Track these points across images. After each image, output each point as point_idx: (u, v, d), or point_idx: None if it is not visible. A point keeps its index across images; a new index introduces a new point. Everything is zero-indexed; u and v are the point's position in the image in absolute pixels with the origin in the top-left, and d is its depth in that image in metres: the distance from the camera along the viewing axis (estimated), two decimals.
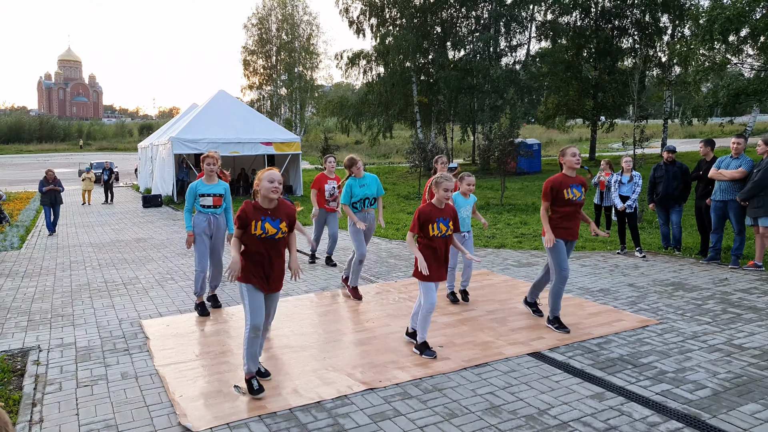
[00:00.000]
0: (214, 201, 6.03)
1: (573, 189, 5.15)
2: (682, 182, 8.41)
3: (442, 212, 4.62)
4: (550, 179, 5.21)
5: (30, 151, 78.10)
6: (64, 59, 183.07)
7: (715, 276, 7.10)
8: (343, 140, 47.17)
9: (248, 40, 44.10)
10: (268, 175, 3.96)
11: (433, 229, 4.56)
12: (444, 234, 4.60)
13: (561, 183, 5.15)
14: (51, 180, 13.23)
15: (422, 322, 4.66)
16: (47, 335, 5.59)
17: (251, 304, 3.98)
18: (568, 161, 5.22)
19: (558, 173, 5.28)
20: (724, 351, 4.63)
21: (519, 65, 31.97)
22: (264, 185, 3.94)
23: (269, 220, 3.95)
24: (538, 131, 57.56)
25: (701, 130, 46.76)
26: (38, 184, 13.43)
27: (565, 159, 5.24)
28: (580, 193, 5.19)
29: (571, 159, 5.19)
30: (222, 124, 19.67)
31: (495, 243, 9.82)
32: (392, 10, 31.27)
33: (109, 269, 8.71)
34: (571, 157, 5.20)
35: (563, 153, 5.28)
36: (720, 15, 16.82)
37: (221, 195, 6.07)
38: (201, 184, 6.00)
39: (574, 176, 5.22)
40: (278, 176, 3.99)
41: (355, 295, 6.54)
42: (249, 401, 3.95)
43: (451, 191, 4.63)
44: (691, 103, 24.90)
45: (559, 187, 5.14)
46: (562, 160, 5.27)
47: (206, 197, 5.99)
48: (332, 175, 8.20)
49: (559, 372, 4.31)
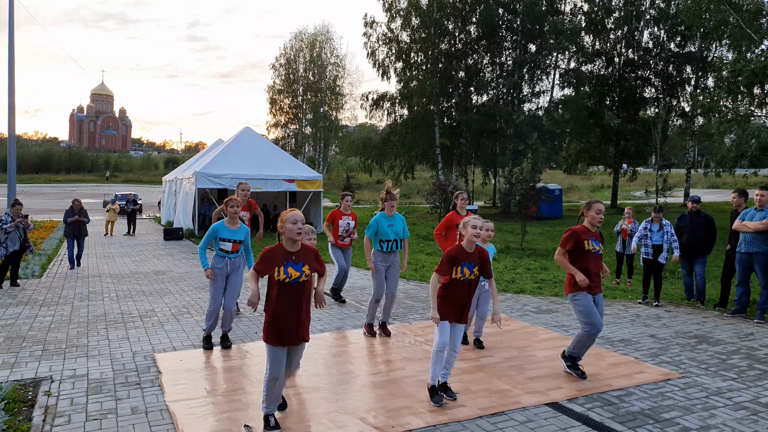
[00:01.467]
0: (233, 247, 6.07)
1: (593, 242, 5.08)
2: (707, 233, 8.26)
3: (469, 256, 4.53)
4: (573, 228, 5.14)
5: (58, 181, 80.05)
6: (96, 93, 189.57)
7: (741, 330, 6.88)
8: (365, 179, 47.60)
9: (275, 79, 45.27)
10: (291, 216, 3.94)
11: (456, 272, 4.47)
12: (467, 278, 4.49)
13: (582, 233, 5.08)
14: (77, 210, 12.65)
15: (431, 363, 4.54)
16: (60, 366, 5.60)
17: (271, 355, 3.97)
18: (591, 217, 5.12)
19: (579, 225, 5.20)
20: (751, 409, 4.44)
21: (542, 111, 32.22)
22: (288, 227, 3.92)
23: (292, 264, 3.92)
24: (559, 177, 57.43)
25: (725, 181, 46.23)
26: (63, 214, 12.90)
27: (590, 214, 5.14)
28: (599, 247, 5.11)
29: (595, 216, 5.09)
30: (246, 160, 19.99)
31: (514, 288, 9.69)
32: (418, 55, 31.92)
33: (126, 301, 8.77)
34: (596, 213, 5.09)
35: (589, 206, 5.18)
36: (744, 68, 16.84)
37: (241, 241, 6.11)
38: (223, 227, 6.04)
39: (594, 231, 5.14)
40: (301, 217, 3.98)
41: (369, 332, 6.51)
42: None
43: (480, 230, 4.53)
44: (714, 154, 24.74)
45: (580, 237, 5.06)
46: (586, 213, 5.18)
47: (226, 242, 6.02)
48: (348, 212, 8.28)
49: (577, 424, 4.17)
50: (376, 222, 6.38)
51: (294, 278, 3.90)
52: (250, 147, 20.81)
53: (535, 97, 32.33)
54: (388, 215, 6.45)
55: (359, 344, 6.30)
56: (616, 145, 32.25)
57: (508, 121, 29.74)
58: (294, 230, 3.91)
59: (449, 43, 31.46)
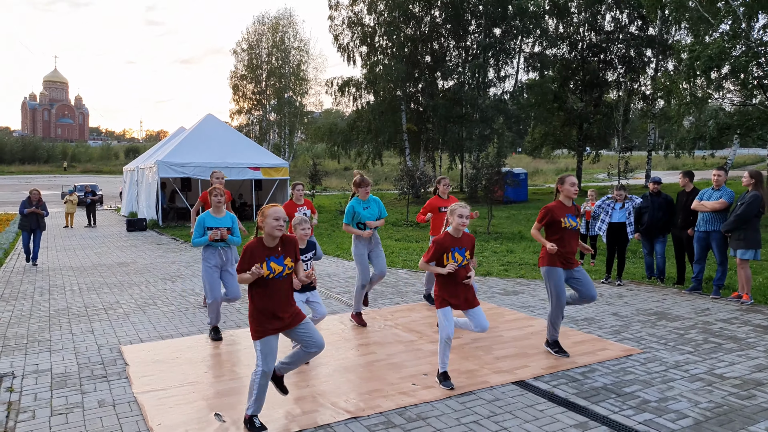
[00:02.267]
0: (221, 235, 5.97)
1: (569, 218, 5.18)
2: (667, 213, 8.52)
3: (458, 241, 4.55)
4: (548, 205, 5.23)
5: (12, 173, 77.31)
6: (49, 80, 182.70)
7: (697, 306, 7.15)
8: (332, 166, 47.34)
9: (238, 64, 44.45)
10: (274, 212, 3.82)
11: (448, 259, 4.50)
12: (460, 264, 4.53)
13: (558, 210, 5.18)
14: (35, 202, 11.65)
15: (440, 351, 4.58)
16: (22, 361, 5.46)
17: (263, 350, 3.81)
18: (566, 190, 5.24)
19: (555, 201, 5.30)
20: (706, 380, 4.64)
21: (507, 95, 32.53)
22: (270, 223, 3.79)
23: (274, 259, 3.81)
24: (525, 161, 58.27)
25: (684, 163, 47.60)
26: (19, 205, 11.85)
27: (564, 187, 5.26)
28: (575, 222, 5.21)
29: (570, 188, 5.22)
30: (210, 148, 19.67)
31: (481, 271, 9.83)
32: (383, 39, 31.76)
33: (89, 294, 8.58)
34: (570, 186, 5.22)
35: (562, 181, 5.29)
36: (702, 53, 17.28)
37: (229, 228, 6.03)
38: (209, 216, 5.94)
39: (570, 206, 5.25)
40: (283, 213, 3.84)
41: (359, 322, 6.47)
42: (230, 429, 3.87)
43: (467, 218, 4.56)
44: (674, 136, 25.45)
45: (556, 214, 5.16)
46: (561, 188, 5.28)
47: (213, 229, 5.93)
48: (300, 202, 7.87)
49: (543, 401, 4.29)
50: (351, 208, 6.34)
51: (277, 273, 3.81)
52: (213, 134, 20.48)
53: (501, 82, 32.61)
54: (362, 199, 6.43)
55: (330, 330, 6.32)
56: (579, 129, 32.85)
57: (473, 105, 29.94)
58: (276, 226, 3.78)
59: (414, 27, 31.39)
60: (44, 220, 11.99)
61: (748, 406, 4.15)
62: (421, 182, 22.57)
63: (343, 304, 7.65)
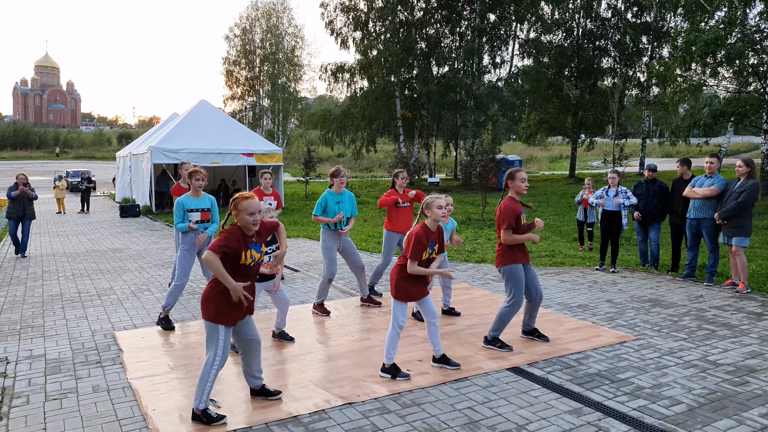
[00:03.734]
0: (202, 216, 6.01)
1: (523, 215, 5.06)
2: (662, 200, 8.53)
3: (432, 235, 4.52)
4: (507, 206, 4.96)
5: (4, 158, 76.56)
6: (41, 65, 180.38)
7: (691, 293, 7.19)
8: (326, 153, 47.16)
9: (230, 50, 44.06)
10: (247, 206, 3.65)
11: (426, 253, 4.48)
12: (430, 257, 4.54)
13: (517, 207, 5.00)
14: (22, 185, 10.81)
15: (388, 344, 4.50)
16: (16, 347, 5.43)
17: (226, 339, 3.73)
18: (517, 186, 5.03)
19: (507, 197, 5.07)
20: (699, 367, 4.67)
21: (501, 82, 32.40)
22: (244, 218, 3.67)
23: (253, 246, 3.77)
24: (519, 148, 58.24)
25: (678, 150, 47.72)
26: (6, 191, 11.05)
27: (515, 183, 5.03)
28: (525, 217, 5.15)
29: (520, 185, 5.03)
30: (203, 135, 19.52)
31: (475, 258, 9.85)
32: (376, 24, 31.51)
33: (83, 279, 8.54)
34: (521, 182, 5.03)
35: (512, 176, 5.03)
36: (699, 39, 17.23)
37: (208, 209, 6.02)
38: (188, 198, 5.93)
39: (519, 200, 5.09)
40: (258, 206, 3.70)
41: (321, 311, 6.40)
42: (225, 415, 3.87)
43: (445, 208, 4.53)
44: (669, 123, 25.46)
45: (518, 212, 4.99)
46: (511, 183, 5.04)
47: (194, 212, 5.94)
48: (268, 191, 7.86)
49: (537, 387, 4.30)
50: (324, 199, 6.31)
51: (257, 260, 3.81)
52: (206, 120, 20.31)
53: (495, 68, 32.46)
54: (336, 192, 6.35)
55: (323, 317, 6.32)
56: (574, 116, 32.81)
57: (468, 92, 29.82)
58: (252, 222, 3.68)
59: (408, 12, 31.14)
60: (33, 208, 11.06)
61: (742, 392, 4.18)
62: (415, 169, 22.56)
63: (338, 290, 7.64)
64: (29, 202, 10.89)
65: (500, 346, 5.12)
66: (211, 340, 3.71)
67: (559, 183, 30.71)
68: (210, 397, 4.10)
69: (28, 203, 10.87)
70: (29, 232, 11.01)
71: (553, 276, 8.32)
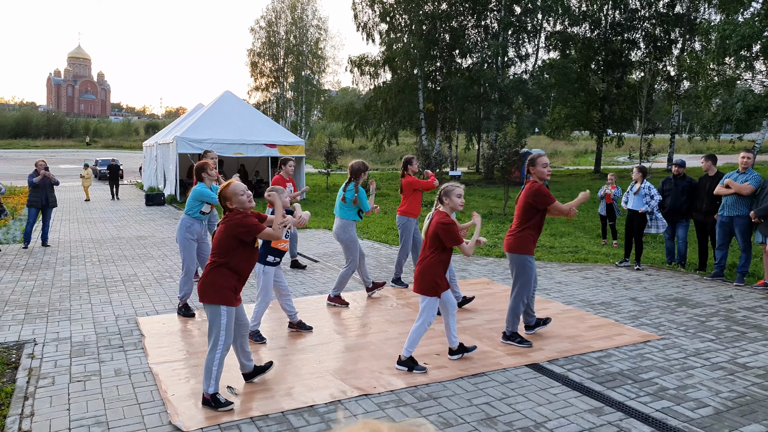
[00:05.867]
0: (211, 207, 6.18)
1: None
2: (690, 197, 8.31)
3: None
4: (536, 187, 4.91)
5: (37, 147, 78.30)
6: (73, 56, 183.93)
7: (720, 293, 7.01)
8: (348, 145, 47.18)
9: (256, 42, 44.26)
10: (234, 189, 3.82)
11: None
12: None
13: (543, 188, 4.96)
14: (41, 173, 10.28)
15: (414, 337, 4.48)
16: (43, 329, 5.54)
17: (228, 326, 3.83)
18: (539, 172, 4.96)
19: (533, 182, 4.99)
20: (728, 369, 4.55)
21: (527, 75, 31.97)
22: (240, 200, 3.82)
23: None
24: (543, 142, 57.49)
25: (709, 146, 46.60)
26: (27, 178, 10.47)
27: (536, 169, 4.97)
28: None
29: (542, 170, 4.97)
30: (227, 125, 19.67)
31: (497, 252, 9.75)
32: (402, 17, 31.32)
33: (108, 265, 8.68)
34: (542, 167, 4.97)
35: (533, 162, 4.97)
36: (734, 32, 16.76)
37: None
38: (205, 187, 6.02)
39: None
40: (242, 186, 3.89)
41: (340, 303, 6.39)
42: (242, 403, 3.89)
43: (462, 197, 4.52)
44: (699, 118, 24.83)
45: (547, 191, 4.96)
46: (533, 169, 4.98)
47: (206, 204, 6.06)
48: (287, 178, 8.11)
49: (557, 384, 4.24)
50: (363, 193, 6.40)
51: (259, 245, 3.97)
52: (231, 111, 20.44)
53: (521, 61, 32.02)
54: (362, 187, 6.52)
55: (341, 308, 6.31)
56: (601, 110, 32.24)
57: (492, 85, 29.50)
58: (246, 200, 3.84)
59: (433, 4, 30.88)
60: (54, 195, 10.65)
61: None
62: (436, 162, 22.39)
63: (357, 282, 7.63)
64: (51, 188, 10.53)
65: (519, 342, 5.04)
66: (213, 323, 3.80)
67: (583, 178, 30.25)
68: (229, 384, 4.13)
69: (50, 190, 10.51)
70: (49, 221, 10.69)
71: (576, 272, 8.19)
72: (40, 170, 10.25)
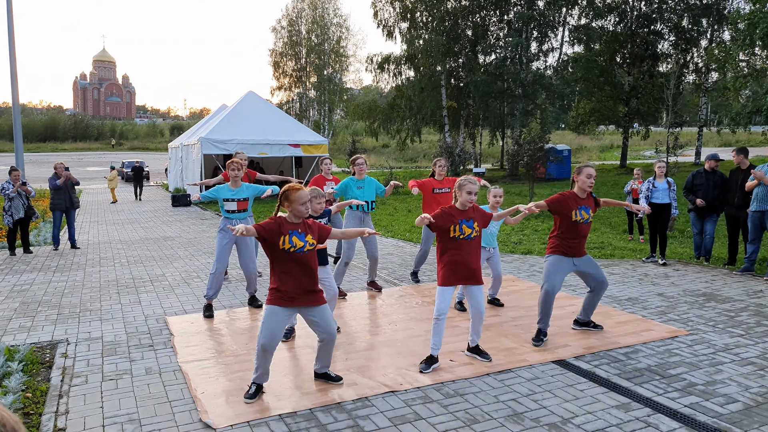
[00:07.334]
0: (239, 205, 6.11)
1: (582, 211, 4.90)
2: (722, 191, 8.15)
3: (465, 214, 4.43)
4: (562, 193, 4.96)
5: (65, 150, 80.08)
6: (98, 59, 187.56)
7: (750, 288, 6.87)
8: (371, 144, 47.25)
9: (277, 41, 44.56)
10: (300, 198, 3.90)
11: (455, 231, 4.37)
12: (469, 236, 4.39)
13: (571, 200, 4.90)
14: (61, 175, 10.36)
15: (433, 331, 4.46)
16: (75, 329, 5.70)
17: (265, 322, 3.90)
18: (582, 182, 4.92)
19: (569, 191, 5.02)
20: (758, 365, 4.47)
21: (551, 70, 31.63)
22: (297, 209, 3.91)
23: (296, 234, 3.91)
24: (568, 137, 56.78)
25: (738, 139, 45.53)
26: (48, 182, 10.59)
27: (580, 178, 4.93)
28: (588, 215, 4.93)
29: (586, 180, 4.91)
30: (251, 125, 19.89)
31: (522, 249, 9.70)
32: (423, 14, 31.25)
33: (137, 266, 8.86)
34: (586, 178, 4.91)
35: (579, 171, 4.97)
36: (763, 19, 16.35)
37: (246, 199, 6.14)
38: (225, 188, 6.08)
39: (585, 197, 4.96)
40: (308, 196, 3.97)
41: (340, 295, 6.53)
42: (270, 400, 3.96)
43: (475, 195, 4.45)
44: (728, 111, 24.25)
45: (567, 205, 4.88)
46: (576, 178, 4.97)
47: (231, 202, 6.06)
48: (329, 177, 8.11)
49: (584, 381, 4.21)
50: (345, 186, 6.53)
51: (298, 248, 3.89)
52: (254, 112, 20.67)
53: (544, 56, 31.68)
54: (358, 179, 6.57)
55: (367, 305, 6.36)
56: (626, 104, 31.72)
57: (515, 81, 29.26)
58: (303, 211, 3.93)
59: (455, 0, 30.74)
60: (76, 196, 10.74)
61: None
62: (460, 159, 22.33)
63: (382, 280, 7.67)
64: (72, 189, 10.61)
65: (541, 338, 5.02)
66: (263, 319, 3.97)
67: (609, 173, 29.82)
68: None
69: (72, 191, 10.58)
70: (74, 222, 10.79)
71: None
72: (60, 173, 10.36)
